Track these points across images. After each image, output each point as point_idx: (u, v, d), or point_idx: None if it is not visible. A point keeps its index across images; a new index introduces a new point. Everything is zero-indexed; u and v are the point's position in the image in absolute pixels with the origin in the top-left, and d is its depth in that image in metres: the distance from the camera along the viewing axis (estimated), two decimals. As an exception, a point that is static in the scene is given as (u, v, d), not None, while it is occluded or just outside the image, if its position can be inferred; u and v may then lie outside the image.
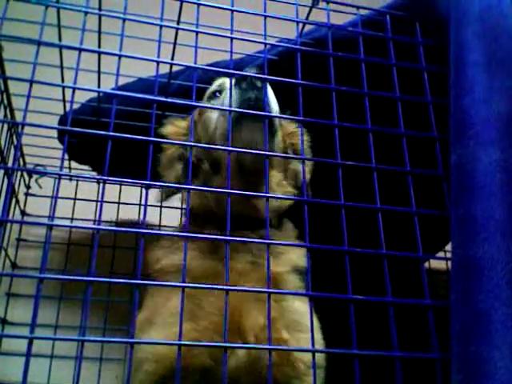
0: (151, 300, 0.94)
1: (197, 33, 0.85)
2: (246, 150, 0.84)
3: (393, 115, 0.87)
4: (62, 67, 1.14)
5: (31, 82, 0.75)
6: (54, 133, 1.40)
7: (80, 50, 0.79)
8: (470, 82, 0.81)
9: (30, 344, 0.61)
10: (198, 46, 0.83)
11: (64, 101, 1.29)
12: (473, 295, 0.68)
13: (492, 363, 0.64)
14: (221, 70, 0.92)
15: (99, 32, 1.02)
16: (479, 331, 0.66)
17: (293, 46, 0.92)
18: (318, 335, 0.92)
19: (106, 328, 1.40)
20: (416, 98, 0.90)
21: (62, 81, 1.17)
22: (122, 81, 1.29)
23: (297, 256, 1.00)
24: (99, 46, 1.04)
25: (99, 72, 1.14)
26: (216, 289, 0.70)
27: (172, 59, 1.07)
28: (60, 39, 1.04)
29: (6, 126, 1.25)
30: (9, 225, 1.46)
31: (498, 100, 0.78)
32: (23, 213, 1.55)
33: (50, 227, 0.67)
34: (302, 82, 0.84)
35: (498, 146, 0.76)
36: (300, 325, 0.90)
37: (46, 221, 0.67)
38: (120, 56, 0.80)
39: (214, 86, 1.10)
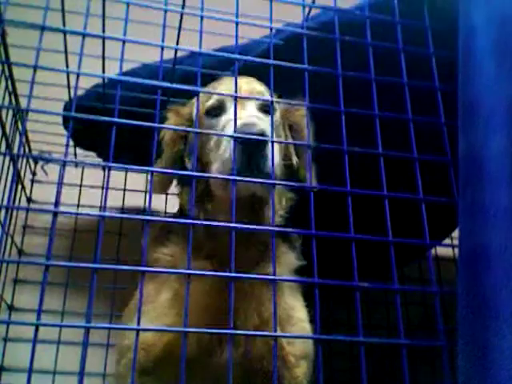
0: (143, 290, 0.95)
1: (202, 17, 0.84)
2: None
3: (400, 104, 0.86)
4: (66, 53, 1.13)
5: (35, 67, 0.75)
6: (60, 119, 1.40)
7: (84, 35, 0.78)
8: (477, 68, 0.80)
9: (37, 330, 0.61)
10: (203, 30, 0.82)
11: (69, 87, 1.28)
12: (480, 283, 0.67)
13: (499, 351, 0.63)
14: (226, 54, 0.91)
15: (103, 17, 1.01)
16: (486, 319, 0.65)
17: (299, 30, 0.91)
18: (308, 326, 0.96)
19: (112, 314, 1.41)
20: (424, 84, 0.89)
21: (67, 66, 1.16)
22: (127, 66, 1.28)
23: (292, 258, 1.04)
24: (103, 31, 1.02)
25: (103, 57, 1.13)
26: (222, 276, 0.70)
27: (177, 44, 1.05)
28: (64, 24, 1.03)
29: (10, 113, 1.25)
30: (15, 212, 1.46)
31: (506, 87, 0.77)
32: (29, 199, 1.56)
33: (55, 214, 0.67)
34: (308, 67, 0.83)
35: (506, 132, 0.75)
36: (291, 319, 0.94)
37: (51, 207, 0.67)
38: (124, 41, 0.79)
39: (214, 100, 1.02)
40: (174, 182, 1.09)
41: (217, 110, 1.00)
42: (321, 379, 0.64)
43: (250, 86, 1.04)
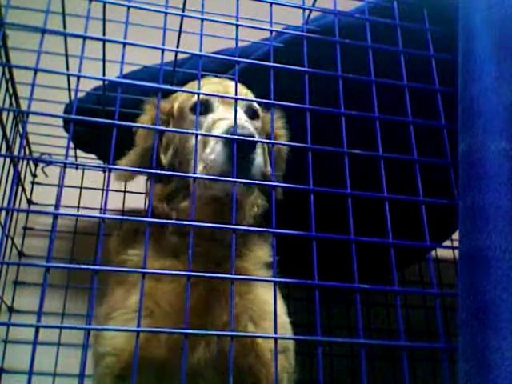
0: (111, 296, 0.94)
1: (202, 20, 0.84)
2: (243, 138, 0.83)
3: (401, 106, 0.87)
4: (66, 55, 1.13)
5: (36, 70, 0.75)
6: (60, 121, 1.40)
7: (85, 38, 0.78)
8: (478, 70, 0.80)
9: (37, 332, 0.62)
10: (203, 33, 0.82)
11: (69, 89, 1.28)
12: (480, 285, 0.67)
13: (499, 353, 0.63)
14: (226, 57, 0.92)
15: (104, 20, 1.01)
16: (487, 321, 0.65)
17: (299, 33, 0.91)
18: (285, 319, 0.93)
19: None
20: (424, 86, 0.89)
21: (67, 69, 1.16)
22: (127, 69, 1.28)
23: (263, 253, 1.01)
24: (104, 34, 1.03)
25: (104, 60, 1.13)
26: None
27: (177, 47, 1.06)
28: (65, 27, 1.04)
29: (11, 115, 1.25)
30: (15, 213, 1.47)
31: (506, 89, 0.78)
32: (29, 201, 1.56)
33: (56, 216, 0.67)
34: (308, 69, 0.83)
35: (506, 134, 0.75)
36: (266, 314, 0.91)
37: (52, 209, 0.67)
38: (125, 44, 0.79)
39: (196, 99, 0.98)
40: (143, 178, 1.06)
41: (202, 108, 0.97)
42: (321, 380, 0.64)
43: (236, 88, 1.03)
